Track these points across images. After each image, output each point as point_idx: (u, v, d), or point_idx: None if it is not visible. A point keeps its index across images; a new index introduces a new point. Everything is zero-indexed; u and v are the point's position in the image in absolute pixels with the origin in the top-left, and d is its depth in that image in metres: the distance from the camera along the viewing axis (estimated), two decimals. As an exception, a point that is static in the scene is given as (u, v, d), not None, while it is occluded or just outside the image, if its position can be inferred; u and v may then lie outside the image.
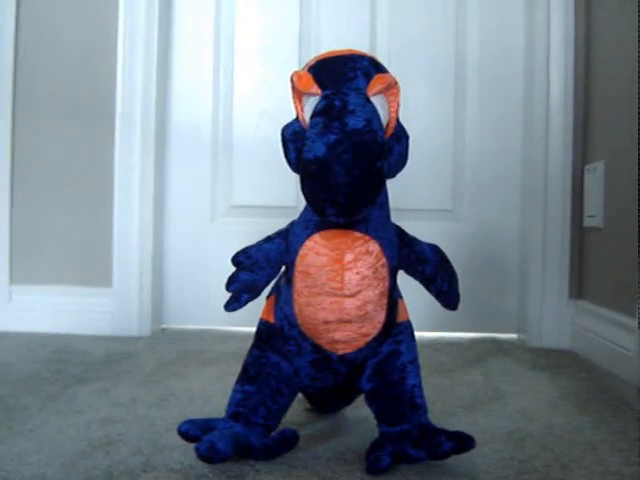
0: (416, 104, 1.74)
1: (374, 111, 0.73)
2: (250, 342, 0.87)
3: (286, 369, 0.84)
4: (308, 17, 1.79)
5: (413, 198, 1.75)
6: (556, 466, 0.80)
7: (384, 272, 0.79)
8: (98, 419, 0.97)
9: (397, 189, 1.02)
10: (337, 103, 0.72)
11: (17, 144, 1.73)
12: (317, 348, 0.81)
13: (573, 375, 1.31)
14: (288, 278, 0.82)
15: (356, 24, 1.78)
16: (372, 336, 0.81)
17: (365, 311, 0.78)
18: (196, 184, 1.81)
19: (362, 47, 1.22)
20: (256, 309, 0.89)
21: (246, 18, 1.81)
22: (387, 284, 0.80)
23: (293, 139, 0.78)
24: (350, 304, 0.77)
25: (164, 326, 1.80)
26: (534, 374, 1.32)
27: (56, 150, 1.73)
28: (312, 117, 0.74)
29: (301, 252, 0.79)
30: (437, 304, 0.86)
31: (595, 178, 1.50)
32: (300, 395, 0.92)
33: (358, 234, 0.77)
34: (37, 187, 1.73)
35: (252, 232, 1.07)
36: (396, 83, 0.76)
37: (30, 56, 1.73)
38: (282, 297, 0.84)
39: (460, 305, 0.86)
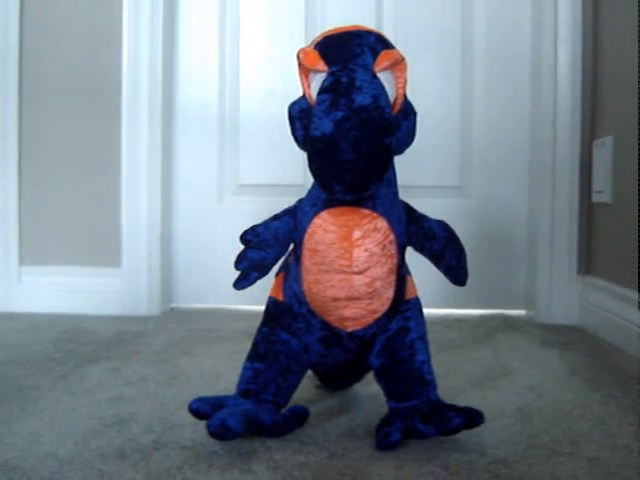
0: (423, 80, 1.73)
1: (381, 87, 0.73)
2: (259, 320, 0.87)
3: (295, 346, 0.84)
4: (314, -7, 1.78)
5: (421, 175, 1.74)
6: (565, 441, 0.81)
7: (392, 249, 0.79)
8: (109, 398, 0.97)
9: (405, 166, 1.01)
10: (344, 79, 0.72)
11: (24, 126, 1.73)
12: (326, 325, 0.82)
13: (582, 351, 1.31)
14: (296, 256, 0.82)
15: (362, 0, 1.76)
16: (381, 313, 0.81)
17: (374, 288, 0.78)
18: (203, 164, 1.81)
19: (368, 23, 1.21)
20: (265, 287, 0.89)
21: (251, -5, 1.79)
22: (395, 261, 0.80)
23: (300, 116, 0.77)
24: (359, 281, 0.77)
25: (173, 305, 1.80)
26: (543, 350, 1.32)
27: (63, 132, 1.73)
28: (319, 94, 0.73)
29: (309, 230, 0.79)
30: (446, 280, 0.86)
31: (604, 153, 1.49)
32: (310, 372, 0.92)
33: (366, 211, 0.77)
34: (45, 169, 1.74)
35: (260, 211, 1.07)
36: (403, 59, 0.75)
37: (36, 36, 1.72)
38: (291, 275, 0.84)
39: (469, 281, 0.86)
